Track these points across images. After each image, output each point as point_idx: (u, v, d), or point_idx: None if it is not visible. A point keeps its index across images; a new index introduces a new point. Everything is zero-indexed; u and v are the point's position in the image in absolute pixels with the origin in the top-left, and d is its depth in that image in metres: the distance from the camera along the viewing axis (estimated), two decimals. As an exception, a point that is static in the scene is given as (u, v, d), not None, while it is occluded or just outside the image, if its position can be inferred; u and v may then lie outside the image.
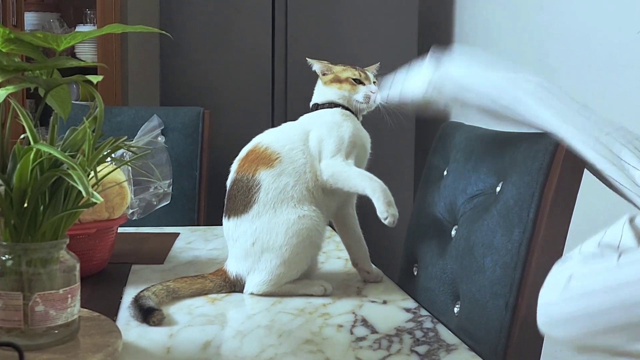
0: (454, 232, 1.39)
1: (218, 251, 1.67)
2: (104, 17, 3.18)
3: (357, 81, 1.47)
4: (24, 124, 0.96)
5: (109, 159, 1.11)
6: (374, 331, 1.17)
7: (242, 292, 1.34)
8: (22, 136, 0.98)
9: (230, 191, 1.38)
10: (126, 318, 1.20)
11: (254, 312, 1.27)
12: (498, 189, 1.29)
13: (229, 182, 1.39)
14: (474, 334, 1.24)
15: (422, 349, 1.11)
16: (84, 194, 0.88)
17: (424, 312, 1.28)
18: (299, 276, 1.35)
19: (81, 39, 1.03)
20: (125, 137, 1.07)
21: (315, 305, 1.29)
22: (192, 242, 1.78)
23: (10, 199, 0.95)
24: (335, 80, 1.47)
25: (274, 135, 1.41)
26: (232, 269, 1.36)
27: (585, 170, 1.14)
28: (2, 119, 1.01)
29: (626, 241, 0.88)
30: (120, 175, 1.49)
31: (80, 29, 3.44)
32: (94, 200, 0.89)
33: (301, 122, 1.45)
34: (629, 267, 0.83)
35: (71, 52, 3.30)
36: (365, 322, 1.21)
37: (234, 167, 1.40)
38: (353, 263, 1.47)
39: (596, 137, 1.07)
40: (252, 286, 1.33)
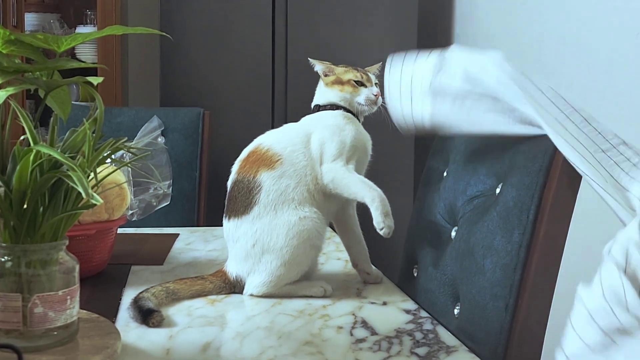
0: (453, 234, 1.39)
1: (218, 252, 1.67)
2: (104, 17, 3.18)
3: (359, 83, 1.47)
4: (24, 125, 0.96)
5: (108, 160, 1.11)
6: (373, 333, 1.17)
7: (241, 293, 1.34)
8: (22, 137, 0.98)
9: (231, 192, 1.38)
10: (125, 319, 1.20)
11: (253, 314, 1.27)
12: (498, 191, 1.29)
13: (229, 183, 1.39)
14: (474, 335, 1.23)
15: (422, 350, 1.11)
16: (83, 195, 0.88)
17: (423, 313, 1.28)
18: (299, 277, 1.35)
19: (82, 40, 1.03)
20: (125, 138, 1.07)
21: (315, 306, 1.29)
22: (191, 243, 1.78)
23: (9, 200, 0.95)
24: (337, 82, 1.47)
25: (276, 137, 1.41)
26: (232, 270, 1.36)
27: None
28: (2, 120, 1.01)
29: (630, 298, 0.87)
30: (120, 177, 1.49)
31: (81, 29, 3.44)
32: (93, 202, 0.89)
33: (303, 124, 1.45)
34: None
35: (71, 53, 3.31)
36: (365, 324, 1.21)
37: (234, 168, 1.40)
38: (353, 264, 1.47)
39: (591, 154, 1.07)
40: (252, 287, 1.33)
